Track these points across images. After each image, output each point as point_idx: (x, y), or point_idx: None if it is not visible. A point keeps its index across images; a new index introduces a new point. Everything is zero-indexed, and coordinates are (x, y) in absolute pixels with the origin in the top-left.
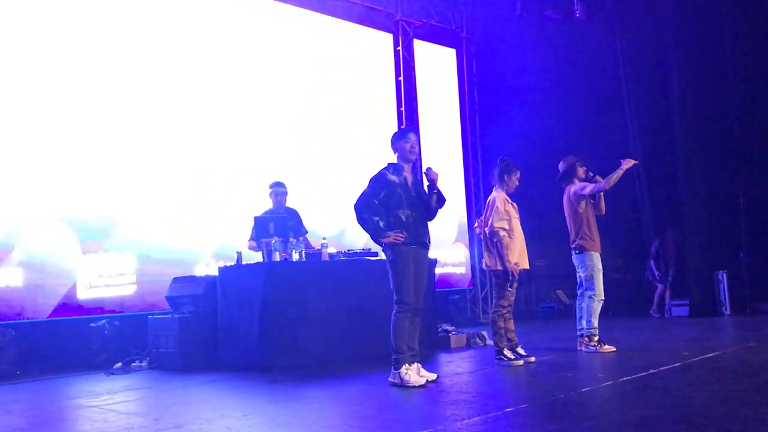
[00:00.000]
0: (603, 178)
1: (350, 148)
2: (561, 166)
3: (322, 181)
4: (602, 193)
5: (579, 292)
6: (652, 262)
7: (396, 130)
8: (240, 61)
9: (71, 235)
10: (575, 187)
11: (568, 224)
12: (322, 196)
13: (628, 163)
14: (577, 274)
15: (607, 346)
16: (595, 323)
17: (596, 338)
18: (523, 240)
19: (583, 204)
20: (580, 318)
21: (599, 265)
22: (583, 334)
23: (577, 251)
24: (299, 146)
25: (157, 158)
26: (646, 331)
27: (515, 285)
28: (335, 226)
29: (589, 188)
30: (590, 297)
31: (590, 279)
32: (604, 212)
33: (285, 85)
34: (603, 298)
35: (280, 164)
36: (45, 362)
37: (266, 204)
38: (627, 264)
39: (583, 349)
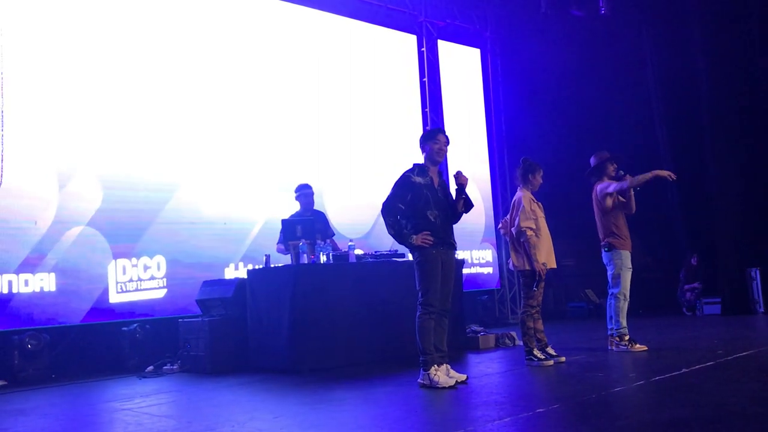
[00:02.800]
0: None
1: (375, 150)
2: (592, 160)
3: (347, 183)
4: (632, 192)
5: (609, 291)
6: (683, 287)
7: (423, 131)
8: (263, 64)
9: (102, 240)
10: (601, 185)
11: (596, 222)
12: (348, 197)
13: (662, 172)
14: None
15: (638, 345)
16: (623, 322)
17: (627, 337)
18: (550, 239)
19: (609, 202)
20: (610, 317)
21: (628, 263)
22: (613, 333)
23: (606, 249)
24: (324, 148)
25: (185, 162)
26: (678, 329)
27: (542, 285)
28: (361, 228)
29: (613, 186)
30: (615, 296)
31: (617, 277)
32: (634, 211)
33: (310, 88)
34: (628, 297)
35: (306, 167)
36: (78, 366)
37: (293, 206)
38: (657, 262)
39: (614, 348)
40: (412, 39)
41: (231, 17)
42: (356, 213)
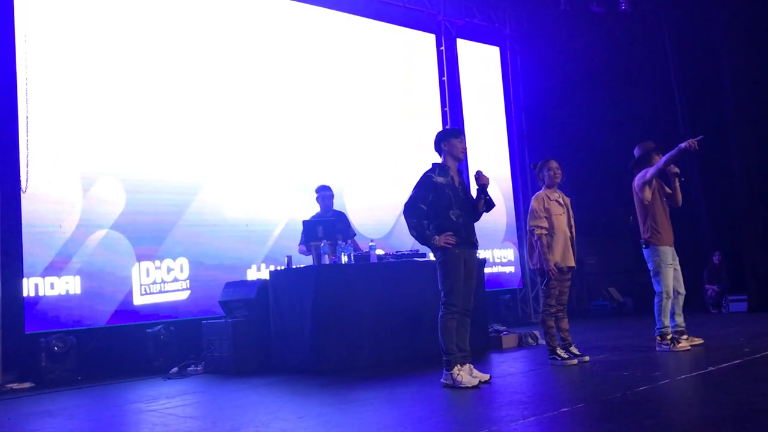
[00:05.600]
0: (677, 168)
1: (395, 150)
2: (636, 151)
3: (368, 183)
4: (678, 183)
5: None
6: (707, 285)
7: (440, 130)
8: (284, 65)
9: (126, 243)
10: (638, 175)
11: (637, 216)
12: (369, 198)
13: (688, 144)
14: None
15: (681, 344)
16: (666, 322)
17: (669, 337)
18: (567, 237)
19: (648, 193)
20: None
21: (668, 259)
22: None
23: (643, 246)
24: (345, 149)
25: (207, 165)
26: (704, 327)
27: (564, 283)
28: (382, 228)
29: (651, 171)
30: (658, 295)
31: (656, 275)
32: (680, 203)
33: (329, 88)
34: (671, 294)
35: (327, 167)
36: (104, 367)
37: (314, 207)
38: (682, 260)
39: (656, 348)
40: (430, 38)
41: (250, 19)
42: (377, 213)
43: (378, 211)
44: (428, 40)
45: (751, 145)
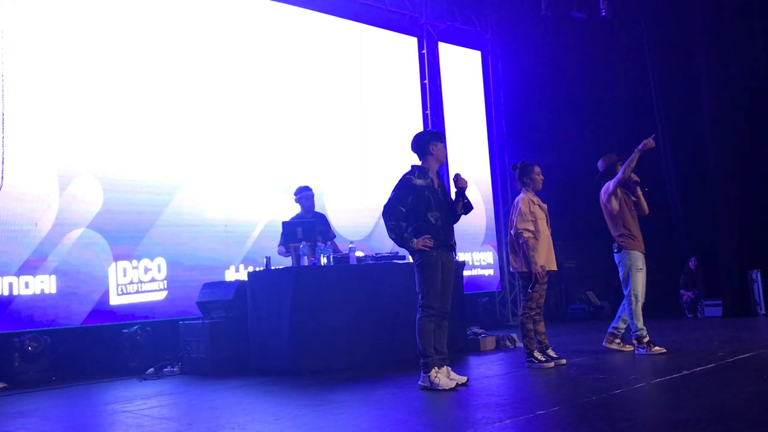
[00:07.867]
0: (637, 177)
1: (376, 152)
2: (600, 164)
3: (348, 185)
4: (641, 193)
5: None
6: (682, 291)
7: (422, 132)
8: (264, 66)
9: (103, 242)
10: (603, 188)
11: (607, 224)
12: (349, 200)
13: (644, 145)
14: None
15: (657, 348)
16: (639, 324)
17: (645, 339)
18: (550, 241)
19: (615, 203)
20: (618, 317)
21: (639, 264)
22: (611, 332)
23: (615, 249)
24: (325, 150)
25: (186, 165)
26: (679, 331)
27: (543, 286)
28: (362, 230)
29: (612, 183)
30: (627, 297)
31: (627, 278)
32: (647, 211)
33: (310, 90)
34: (640, 297)
35: (307, 169)
36: (79, 368)
37: (294, 209)
38: (658, 264)
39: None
40: (412, 41)
41: (231, 19)
42: (357, 215)
43: (358, 213)
44: (410, 43)
45: (728, 150)
